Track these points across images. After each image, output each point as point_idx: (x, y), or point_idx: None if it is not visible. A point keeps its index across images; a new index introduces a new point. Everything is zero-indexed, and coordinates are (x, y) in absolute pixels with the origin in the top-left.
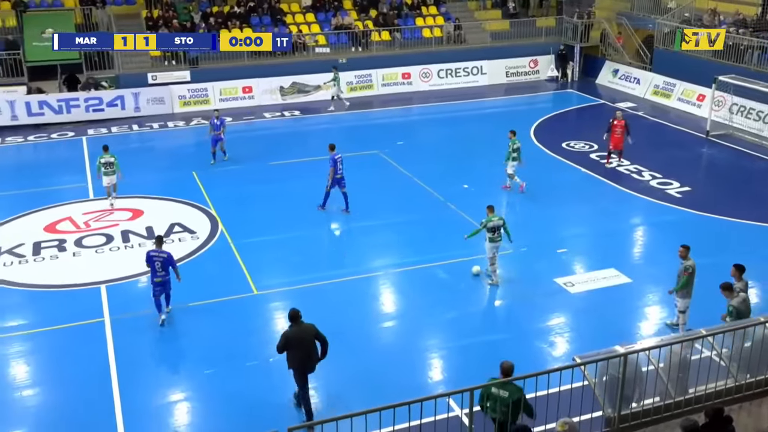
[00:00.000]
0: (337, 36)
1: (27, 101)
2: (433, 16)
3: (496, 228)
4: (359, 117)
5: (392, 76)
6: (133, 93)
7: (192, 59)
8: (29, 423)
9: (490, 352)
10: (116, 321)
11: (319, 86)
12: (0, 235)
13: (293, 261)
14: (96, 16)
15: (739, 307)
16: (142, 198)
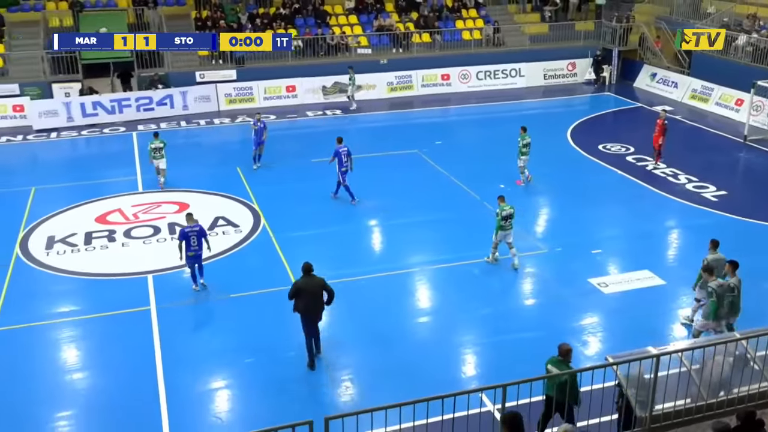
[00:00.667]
0: (379, 37)
1: (82, 102)
2: (473, 18)
3: (508, 216)
4: (399, 117)
5: (432, 77)
6: (182, 92)
7: (238, 59)
8: (79, 405)
9: (523, 349)
10: (162, 310)
11: (360, 86)
12: (54, 224)
13: (332, 255)
14: (148, 16)
15: (717, 290)
16: (189, 192)
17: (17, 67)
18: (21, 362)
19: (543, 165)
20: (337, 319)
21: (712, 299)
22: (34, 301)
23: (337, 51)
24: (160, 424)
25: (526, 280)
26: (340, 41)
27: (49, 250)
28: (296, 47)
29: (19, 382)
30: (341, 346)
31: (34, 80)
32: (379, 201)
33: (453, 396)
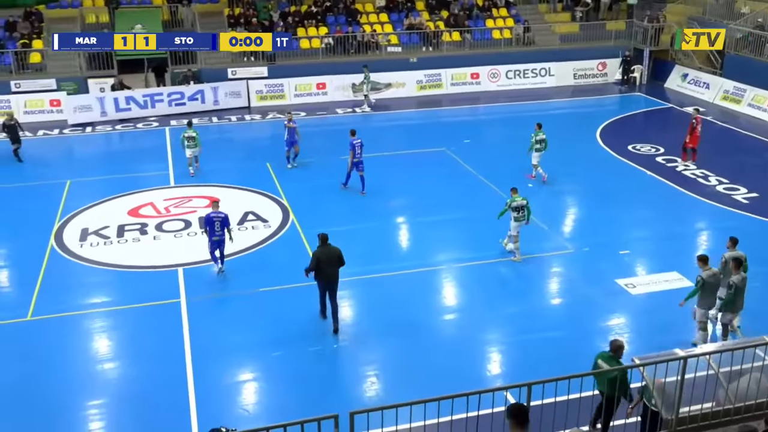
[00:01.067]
0: (409, 36)
1: (115, 98)
2: (503, 17)
3: (520, 207)
4: (428, 115)
5: (461, 75)
6: (213, 87)
7: (270, 56)
8: (110, 394)
9: (548, 348)
10: (192, 302)
11: (390, 84)
12: (88, 217)
13: (360, 252)
14: (181, 13)
15: (707, 279)
16: (219, 186)
17: (54, 63)
18: (55, 351)
19: (571, 165)
20: (363, 315)
21: (696, 287)
22: (68, 292)
23: (367, 49)
24: (189, 414)
25: (553, 279)
26: (370, 39)
27: (83, 242)
28: (327, 45)
29: (52, 370)
30: (367, 342)
31: (71, 75)
32: (406, 198)
33: (478, 393)
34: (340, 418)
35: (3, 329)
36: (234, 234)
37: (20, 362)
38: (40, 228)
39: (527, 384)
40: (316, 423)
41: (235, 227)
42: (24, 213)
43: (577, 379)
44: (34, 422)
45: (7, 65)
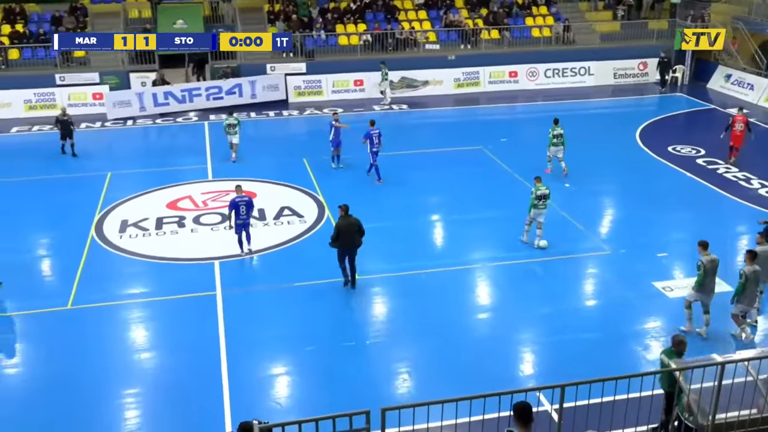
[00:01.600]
0: (447, 33)
1: (154, 93)
2: (543, 16)
3: (542, 196)
4: (465, 113)
5: (499, 73)
6: (250, 81)
7: (308, 52)
8: (146, 383)
9: (583, 350)
10: (227, 295)
11: (427, 81)
12: (127, 209)
13: (394, 249)
14: (222, 9)
15: (706, 264)
16: (256, 181)
17: (98, 57)
18: (93, 340)
19: (610, 165)
20: (397, 312)
21: (699, 272)
22: (107, 282)
23: (405, 46)
24: (222, 405)
25: (588, 280)
26: (408, 36)
27: (122, 234)
28: (365, 42)
29: (91, 358)
30: (400, 339)
31: (113, 69)
32: (442, 196)
33: (510, 393)
34: (372, 414)
35: (44, 317)
36: (270, 228)
37: (60, 350)
38: (81, 219)
39: (560, 385)
40: (348, 418)
41: (271, 222)
42: (66, 204)
43: (611, 382)
44: (72, 409)
45: (52, 59)
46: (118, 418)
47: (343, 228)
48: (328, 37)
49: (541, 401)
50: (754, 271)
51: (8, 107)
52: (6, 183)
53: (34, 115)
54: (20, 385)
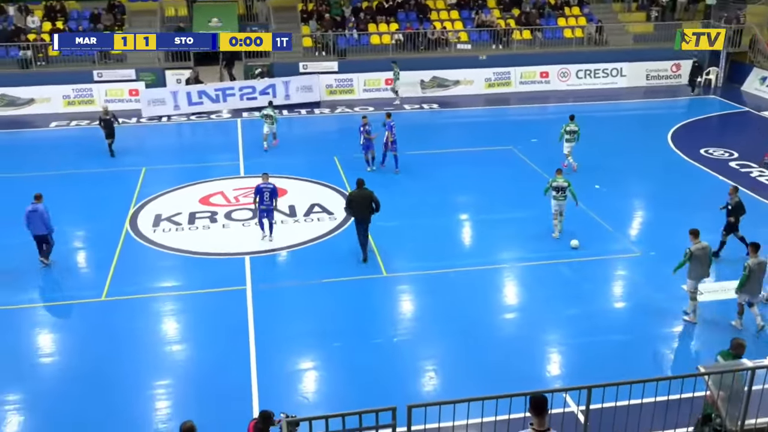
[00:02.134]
0: (479, 33)
1: (188, 92)
2: (575, 16)
3: (560, 188)
4: (495, 113)
5: (530, 74)
6: (284, 82)
7: (341, 51)
8: (177, 375)
9: (610, 351)
10: (257, 290)
11: (458, 81)
12: (161, 204)
13: (422, 247)
14: (256, 8)
15: (695, 252)
16: (288, 178)
17: (134, 54)
18: (126, 331)
19: (641, 167)
20: (424, 310)
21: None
22: (140, 275)
23: (437, 46)
24: (251, 398)
25: (617, 282)
26: (440, 36)
27: (156, 228)
28: (397, 41)
29: (123, 349)
30: (427, 337)
31: (149, 66)
32: (471, 196)
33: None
34: (398, 410)
35: (79, 308)
36: (300, 225)
37: (93, 340)
38: (116, 212)
39: (587, 387)
40: (374, 414)
41: (301, 218)
42: (102, 198)
43: (639, 385)
44: (104, 399)
45: (90, 55)
46: (149, 408)
47: (355, 197)
48: (360, 37)
49: (567, 402)
50: (759, 263)
51: (48, 102)
52: (44, 176)
53: (72, 110)
54: (55, 374)
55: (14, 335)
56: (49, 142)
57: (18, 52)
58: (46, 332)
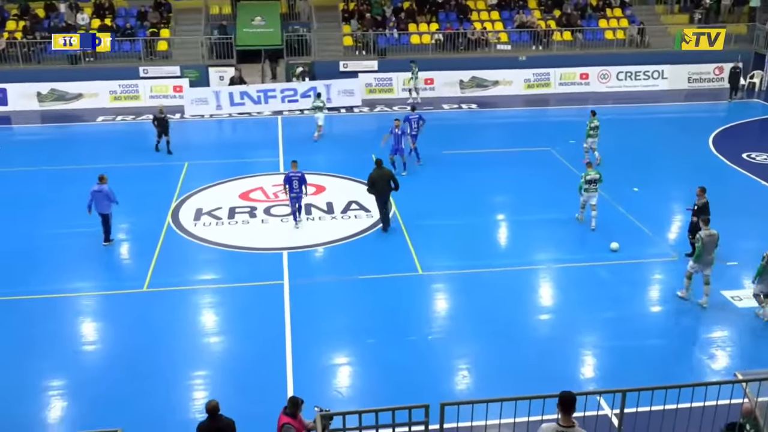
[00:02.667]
0: (519, 34)
1: (230, 92)
2: (617, 18)
3: (592, 181)
4: (534, 114)
5: (570, 75)
6: (326, 85)
7: (381, 50)
8: (214, 366)
9: (645, 356)
10: (294, 285)
11: (497, 81)
12: (202, 198)
13: (459, 246)
14: (299, 7)
15: (705, 238)
16: (326, 175)
17: (179, 51)
18: (165, 322)
19: (680, 170)
20: (459, 309)
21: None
22: (181, 267)
23: (476, 46)
24: (285, 392)
25: (654, 286)
26: (480, 36)
27: (197, 221)
28: (437, 41)
29: (162, 339)
30: (461, 336)
31: (194, 63)
32: (508, 196)
33: None
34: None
35: (121, 298)
36: (337, 222)
37: (134, 330)
38: (159, 206)
39: (622, 390)
40: (407, 411)
41: (339, 215)
42: (145, 191)
43: (675, 390)
44: (143, 387)
45: (137, 52)
46: (186, 398)
47: (375, 177)
48: (400, 36)
49: (601, 405)
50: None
51: (95, 97)
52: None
53: (118, 105)
54: (96, 362)
55: (59, 323)
56: (96, 136)
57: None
58: (89, 321)
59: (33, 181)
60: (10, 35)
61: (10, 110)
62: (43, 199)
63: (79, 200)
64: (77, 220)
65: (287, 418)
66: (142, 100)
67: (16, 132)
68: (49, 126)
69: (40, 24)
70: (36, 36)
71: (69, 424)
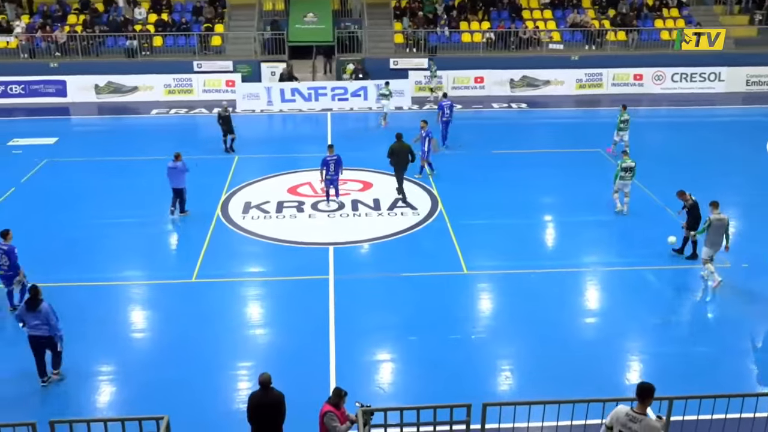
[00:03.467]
0: (572, 33)
1: (281, 89)
2: (673, 18)
3: (627, 169)
4: (585, 114)
5: (623, 76)
6: (377, 85)
7: (431, 48)
8: (258, 358)
9: (691, 363)
10: (339, 280)
11: (548, 81)
12: (251, 192)
13: (504, 246)
14: (351, 3)
15: (713, 221)
16: (374, 172)
17: (232, 46)
18: (212, 312)
19: (736, 176)
20: (503, 309)
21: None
22: (229, 259)
23: (528, 45)
24: (328, 387)
25: (703, 293)
26: (532, 35)
27: (245, 215)
28: (488, 39)
29: (208, 329)
30: (505, 336)
31: (246, 58)
32: (555, 197)
33: (615, 401)
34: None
35: (171, 288)
36: (384, 218)
37: (182, 319)
38: (209, 198)
39: (669, 398)
40: (449, 409)
41: (385, 212)
42: (196, 184)
43: (723, 400)
44: (188, 376)
45: (191, 46)
46: (230, 389)
47: (396, 149)
48: (451, 34)
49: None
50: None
51: (150, 90)
52: (143, 161)
53: (172, 98)
54: (144, 349)
55: (110, 310)
56: (149, 129)
57: (125, 41)
58: (139, 309)
59: (89, 172)
60: (71, 29)
61: (69, 102)
62: (97, 189)
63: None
64: (131, 210)
65: (330, 407)
66: (195, 94)
67: (74, 123)
68: (105, 118)
69: (99, 18)
70: (95, 30)
71: (117, 409)
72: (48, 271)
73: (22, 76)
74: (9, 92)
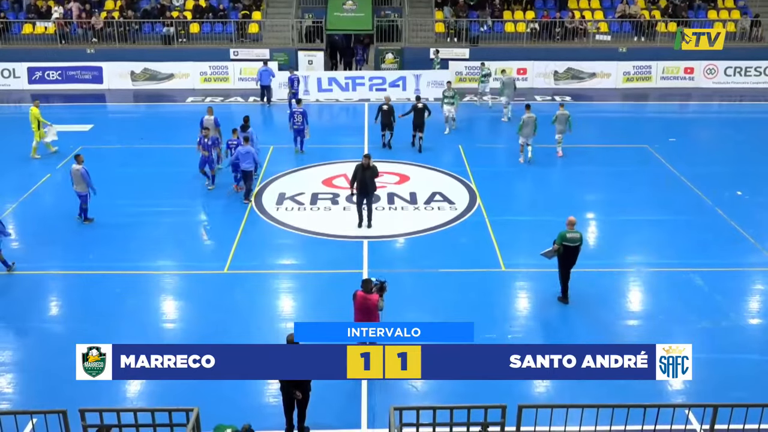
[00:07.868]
0: (620, 24)
1: (318, 78)
2: (728, 9)
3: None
4: (632, 109)
5: (673, 69)
6: (415, 75)
7: (473, 38)
8: None
9: (739, 371)
10: (373, 275)
11: (594, 74)
12: (286, 183)
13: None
14: None
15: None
16: (411, 165)
17: (270, 34)
18: (243, 304)
19: None
20: (541, 308)
21: None
22: (261, 251)
23: (573, 36)
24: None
25: (755, 297)
26: (578, 26)
27: (279, 206)
28: (532, 30)
29: (239, 320)
30: (542, 337)
31: (283, 47)
32: (600, 194)
33: (657, 407)
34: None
35: (203, 278)
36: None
37: (213, 310)
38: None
39: (714, 405)
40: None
41: (422, 206)
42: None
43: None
44: None
45: (228, 33)
46: (261, 382)
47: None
48: (494, 24)
49: (689, 419)
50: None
51: (186, 77)
52: (177, 150)
53: (207, 86)
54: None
55: (142, 299)
56: (184, 116)
57: (162, 28)
58: (171, 299)
59: (123, 158)
60: (108, 14)
61: (105, 88)
62: (131, 177)
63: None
64: (163, 199)
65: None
66: (231, 82)
67: (110, 110)
68: (141, 105)
69: (136, 4)
70: (132, 16)
71: (147, 399)
72: (82, 259)
73: (59, 62)
74: (46, 78)
